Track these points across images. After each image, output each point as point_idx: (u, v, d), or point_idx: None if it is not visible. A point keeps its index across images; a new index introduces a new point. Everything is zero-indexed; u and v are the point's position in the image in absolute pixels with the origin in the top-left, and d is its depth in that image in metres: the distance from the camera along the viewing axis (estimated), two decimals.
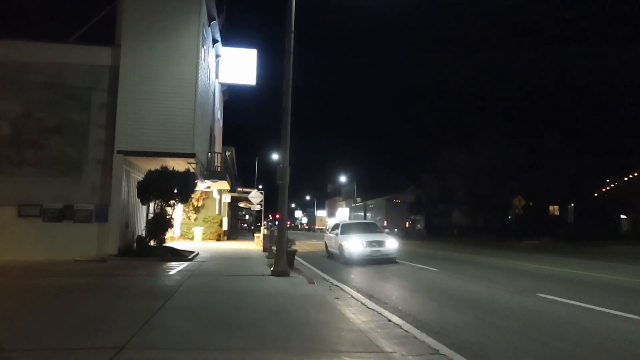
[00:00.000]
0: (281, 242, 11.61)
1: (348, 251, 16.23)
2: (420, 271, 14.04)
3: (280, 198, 11.72)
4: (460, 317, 7.21)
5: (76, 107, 16.01)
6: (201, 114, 18.24)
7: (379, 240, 16.41)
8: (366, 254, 15.82)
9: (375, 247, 15.97)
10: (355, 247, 16.03)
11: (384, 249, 16.07)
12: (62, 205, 15.61)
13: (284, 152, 11.73)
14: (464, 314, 7.43)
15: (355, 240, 16.32)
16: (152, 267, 13.12)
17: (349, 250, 16.16)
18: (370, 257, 15.82)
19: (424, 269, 14.56)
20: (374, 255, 15.85)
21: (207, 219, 29.44)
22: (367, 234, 17.15)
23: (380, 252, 15.94)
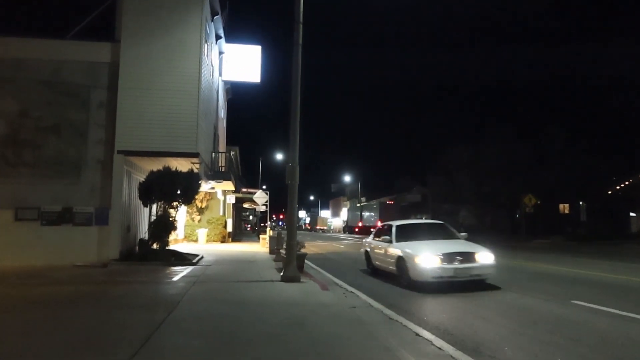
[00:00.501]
0: (291, 245, 10.92)
1: (418, 269, 10.04)
2: None
3: (290, 198, 11.03)
4: (494, 329, 6.51)
5: (75, 106, 15.37)
6: (204, 112, 17.58)
7: (464, 251, 10.30)
8: (448, 274, 9.85)
9: (463, 264, 9.97)
10: (428, 262, 9.92)
11: (476, 266, 10.07)
12: (61, 208, 14.97)
13: (293, 150, 11.05)
14: (497, 325, 6.72)
15: (426, 251, 10.18)
16: (155, 273, 12.46)
17: (420, 267, 9.97)
18: (455, 278, 9.91)
19: None
20: (459, 275, 9.91)
21: (211, 221, 28.81)
22: (439, 240, 11.40)
23: (469, 270, 10.00)
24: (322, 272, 14.01)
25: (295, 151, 11.07)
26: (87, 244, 14.92)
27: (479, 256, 10.25)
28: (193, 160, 16.53)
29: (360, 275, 13.55)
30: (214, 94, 20.97)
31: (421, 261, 10.02)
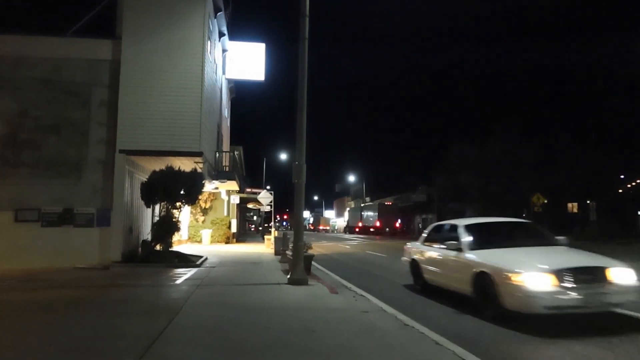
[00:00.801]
0: (298, 247, 10.52)
1: (519, 294, 6.42)
2: None
3: (296, 198, 10.63)
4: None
5: (75, 105, 15.03)
6: (208, 111, 17.21)
7: (591, 266, 6.84)
8: (572, 302, 6.26)
9: (593, 286, 6.44)
10: (538, 282, 6.34)
11: (613, 289, 6.49)
12: (62, 209, 14.63)
13: (300, 148, 10.64)
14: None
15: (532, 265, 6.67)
16: (157, 275, 12.08)
17: (524, 291, 6.34)
18: (582, 308, 6.34)
19: None
20: (590, 304, 6.34)
21: (215, 221, 28.45)
22: (539, 248, 7.88)
23: (605, 297, 6.46)
24: (330, 273, 13.60)
25: (302, 149, 10.67)
26: (89, 245, 14.57)
27: (613, 273, 6.59)
28: (196, 160, 16.16)
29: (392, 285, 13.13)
30: (217, 93, 20.60)
31: (526, 281, 6.32)
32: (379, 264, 16.78)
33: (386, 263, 17.05)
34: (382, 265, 16.05)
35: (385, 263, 17.07)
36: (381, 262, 17.35)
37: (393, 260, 17.80)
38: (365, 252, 23.12)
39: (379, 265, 16.25)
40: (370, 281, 11.99)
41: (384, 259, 19.03)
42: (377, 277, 12.79)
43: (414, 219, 69.74)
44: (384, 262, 17.35)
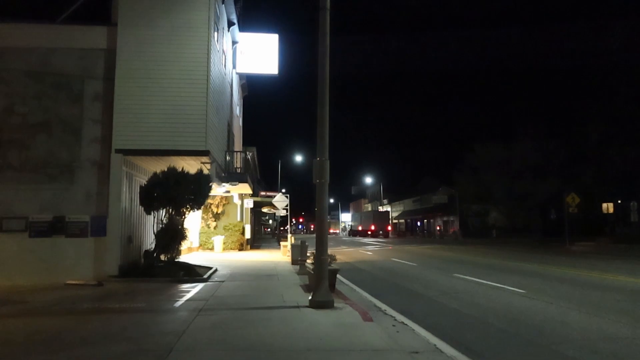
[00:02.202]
0: (321, 261, 8.60)
1: None
2: (507, 295, 10.85)
3: (318, 201, 8.74)
4: None
5: (66, 99, 13.36)
6: (216, 106, 15.43)
7: None
8: None
9: None
10: None
11: None
12: (52, 217, 12.95)
13: (322, 142, 8.74)
14: None
15: None
16: (156, 294, 10.30)
17: None
18: None
19: (508, 290, 11.37)
20: None
21: (227, 227, 26.69)
22: None
23: None
24: (357, 289, 11.65)
25: (325, 143, 8.77)
26: (82, 258, 12.87)
27: None
28: (203, 160, 14.38)
29: (400, 294, 11.12)
30: (226, 87, 18.84)
31: None
32: (412, 275, 14.77)
33: (420, 274, 15.03)
34: (416, 278, 14.04)
35: (419, 274, 15.05)
36: (414, 273, 15.34)
37: (427, 271, 15.79)
38: (391, 260, 21.11)
39: (412, 277, 14.24)
40: (409, 300, 10.01)
41: (416, 268, 17.00)
42: (415, 295, 10.80)
43: (434, 221, 67.33)
44: (416, 273, 15.33)
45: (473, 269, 16.02)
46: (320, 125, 8.75)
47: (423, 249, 30.28)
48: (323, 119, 8.75)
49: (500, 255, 23.54)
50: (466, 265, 17.90)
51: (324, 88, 8.76)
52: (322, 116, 8.75)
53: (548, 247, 31.17)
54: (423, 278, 13.86)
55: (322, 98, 8.74)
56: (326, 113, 8.76)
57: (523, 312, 8.47)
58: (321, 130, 8.75)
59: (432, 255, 24.09)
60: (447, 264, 18.68)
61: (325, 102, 8.77)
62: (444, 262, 19.68)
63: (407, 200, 78.23)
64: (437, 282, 12.76)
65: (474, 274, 14.23)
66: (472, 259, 21.18)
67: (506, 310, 8.64)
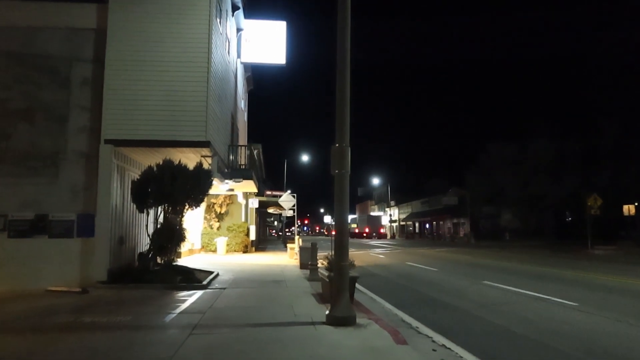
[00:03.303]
0: (341, 269, 7.12)
1: None
2: (557, 308, 9.33)
3: (338, 196, 7.25)
4: None
5: (52, 84, 12.00)
6: (218, 94, 14.02)
7: None
8: None
9: None
10: None
11: None
12: (34, 215, 11.57)
13: (342, 124, 7.28)
14: None
15: None
16: (146, 305, 8.87)
17: None
18: None
19: (555, 302, 9.84)
20: None
21: (232, 228, 25.24)
22: None
23: None
24: (378, 299, 10.16)
25: (345, 126, 7.31)
26: (67, 261, 11.48)
27: None
28: (203, 153, 12.97)
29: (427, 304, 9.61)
30: (230, 76, 17.41)
31: None
32: (435, 282, 13.25)
33: (444, 281, 13.51)
34: (441, 285, 12.52)
35: (443, 281, 13.53)
36: (437, 280, 13.81)
37: (451, 277, 14.28)
38: (406, 264, 19.59)
39: (436, 284, 12.73)
40: (442, 314, 8.49)
41: (437, 274, 15.47)
42: (446, 307, 9.28)
43: (444, 223, 65.61)
44: (440, 280, 13.80)
45: (501, 275, 14.49)
46: (340, 104, 7.28)
47: (437, 252, 28.72)
48: (343, 97, 7.29)
49: (522, 259, 21.95)
50: (491, 270, 16.36)
51: (345, 57, 7.30)
52: (342, 93, 7.29)
53: (569, 251, 29.54)
54: (449, 286, 12.34)
55: (342, 67, 7.29)
56: (347, 89, 7.30)
57: (592, 333, 6.94)
58: (341, 111, 7.29)
59: (449, 259, 22.53)
60: (470, 269, 17.14)
61: (345, 73, 7.32)
62: (465, 266, 18.14)
63: (415, 202, 76.54)
64: (467, 291, 11.24)
65: (505, 281, 12.70)
66: (495, 263, 19.61)
67: (570, 330, 7.09)
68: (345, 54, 7.29)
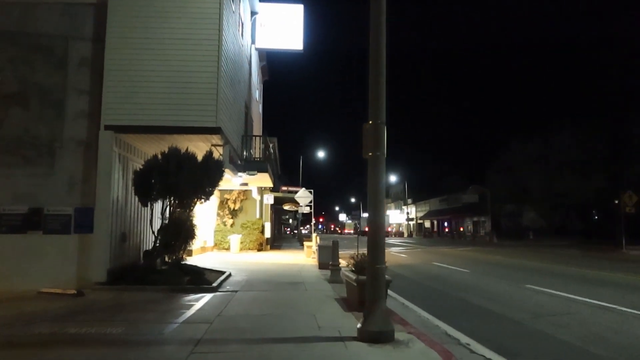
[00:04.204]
0: (377, 273, 5.82)
1: None
2: (636, 322, 7.90)
3: (372, 183, 5.96)
4: None
5: (47, 65, 10.89)
6: (230, 77, 12.81)
7: None
8: None
9: None
10: None
11: None
12: (27, 209, 10.48)
13: (377, 96, 5.98)
14: None
15: None
16: (147, 310, 7.71)
17: None
18: None
19: (629, 314, 8.41)
20: None
21: (245, 225, 24.09)
22: None
23: None
24: (410, 305, 8.85)
25: (381, 99, 6.01)
26: (63, 260, 10.37)
27: None
28: (214, 141, 11.77)
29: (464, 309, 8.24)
30: (243, 60, 16.20)
31: None
32: (471, 286, 11.87)
33: (480, 284, 12.12)
34: (478, 289, 11.15)
35: (479, 284, 12.14)
36: (472, 283, 12.42)
37: (487, 280, 12.89)
38: (432, 264, 18.20)
39: (473, 288, 11.34)
40: (493, 326, 7.13)
41: (470, 276, 14.06)
42: (494, 316, 7.92)
43: (463, 221, 63.76)
44: (475, 283, 12.42)
45: (543, 278, 13.04)
46: (374, 71, 5.98)
47: (461, 252, 27.22)
48: (378, 62, 5.98)
49: (556, 259, 20.39)
50: (529, 272, 14.90)
51: (380, 14, 5.99)
52: (376, 57, 5.99)
53: (602, 251, 27.80)
54: (489, 290, 10.96)
55: (377, 22, 5.98)
56: (382, 51, 6.01)
57: None
58: (375, 80, 5.98)
59: (477, 259, 21.06)
60: (504, 270, 15.69)
61: (381, 28, 6.01)
62: (499, 267, 16.69)
63: (434, 200, 74.77)
64: (512, 297, 9.85)
65: (551, 285, 11.28)
66: (529, 264, 18.11)
67: None
68: (380, 10, 5.98)
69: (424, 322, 7.40)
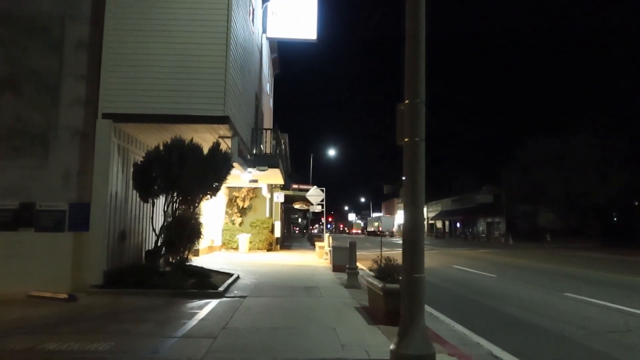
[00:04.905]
0: (415, 284, 4.79)
1: None
2: None
3: (409, 175, 4.95)
4: None
5: (41, 48, 10.01)
6: (240, 63, 11.86)
7: None
8: None
9: None
10: None
11: None
12: (18, 204, 9.61)
13: (415, 70, 4.95)
14: None
15: None
16: (141, 321, 6.75)
17: None
18: None
19: None
20: None
21: (255, 224, 23.15)
22: None
23: None
24: (441, 316, 7.81)
25: (419, 74, 4.98)
26: (56, 260, 9.47)
27: None
28: (221, 132, 10.82)
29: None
30: (254, 48, 15.23)
31: None
32: (502, 293, 10.81)
33: (510, 291, 11.05)
34: (512, 297, 10.09)
35: (510, 291, 11.07)
36: (502, 290, 11.36)
37: (517, 286, 11.80)
38: (453, 267, 17.13)
39: (506, 296, 10.28)
40: (543, 345, 6.08)
41: (497, 281, 12.97)
42: (539, 331, 6.87)
43: (476, 222, 62.35)
44: (505, 289, 11.35)
45: (578, 285, 11.95)
46: (412, 40, 4.96)
47: (480, 254, 26.06)
48: (417, 30, 4.96)
49: (584, 263, 19.20)
50: (562, 277, 13.80)
51: None
52: (414, 24, 4.96)
53: (627, 254, 26.45)
54: (522, 297, 9.89)
55: None
56: (422, 14, 4.98)
57: None
58: (414, 52, 4.96)
59: (500, 262, 19.93)
60: (534, 275, 14.57)
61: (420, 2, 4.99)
62: (526, 272, 15.57)
63: (446, 200, 73.43)
64: (552, 307, 8.78)
65: (593, 294, 10.17)
66: (558, 268, 16.95)
67: None
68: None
69: (461, 337, 6.37)
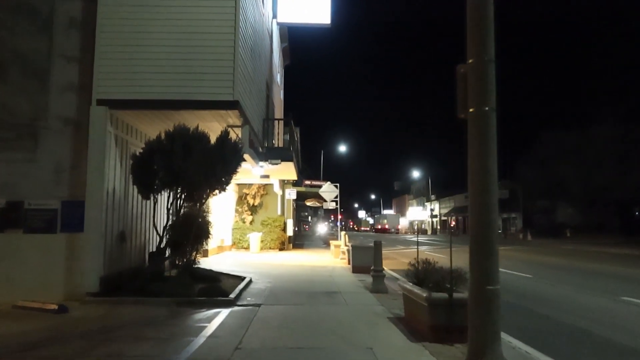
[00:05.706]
0: (488, 296, 3.65)
1: None
2: None
3: (475, 156, 3.80)
4: None
5: (29, 28, 8.96)
6: (250, 45, 10.74)
7: None
8: None
9: None
10: None
11: None
12: (4, 203, 8.59)
13: (483, 22, 3.79)
14: None
15: None
16: (137, 339, 5.68)
17: None
18: None
19: None
20: None
21: (266, 222, 22.06)
22: None
23: None
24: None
25: (488, 24, 3.81)
26: (47, 265, 8.45)
27: None
28: (230, 120, 9.72)
29: None
30: (264, 32, 14.11)
31: None
32: (546, 296, 9.65)
33: (557, 295, 9.87)
34: (560, 302, 8.93)
35: (555, 294, 9.89)
36: (545, 293, 10.18)
37: (560, 288, 10.61)
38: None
39: (552, 301, 9.12)
40: None
41: (536, 283, 11.76)
42: (610, 346, 5.70)
43: None
44: (549, 293, 10.17)
45: (631, 287, 10.72)
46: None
47: (503, 251, 24.74)
48: None
49: (618, 261, 17.92)
50: (606, 278, 12.58)
51: None
52: None
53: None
54: (574, 303, 8.70)
55: None
56: None
57: None
58: (479, 2, 3.80)
59: (528, 260, 18.72)
60: (572, 275, 13.36)
61: None
62: (563, 271, 14.36)
63: (459, 196, 71.83)
64: (615, 315, 7.60)
65: None
66: (594, 267, 15.70)
67: None
68: None
69: (523, 357, 5.22)
